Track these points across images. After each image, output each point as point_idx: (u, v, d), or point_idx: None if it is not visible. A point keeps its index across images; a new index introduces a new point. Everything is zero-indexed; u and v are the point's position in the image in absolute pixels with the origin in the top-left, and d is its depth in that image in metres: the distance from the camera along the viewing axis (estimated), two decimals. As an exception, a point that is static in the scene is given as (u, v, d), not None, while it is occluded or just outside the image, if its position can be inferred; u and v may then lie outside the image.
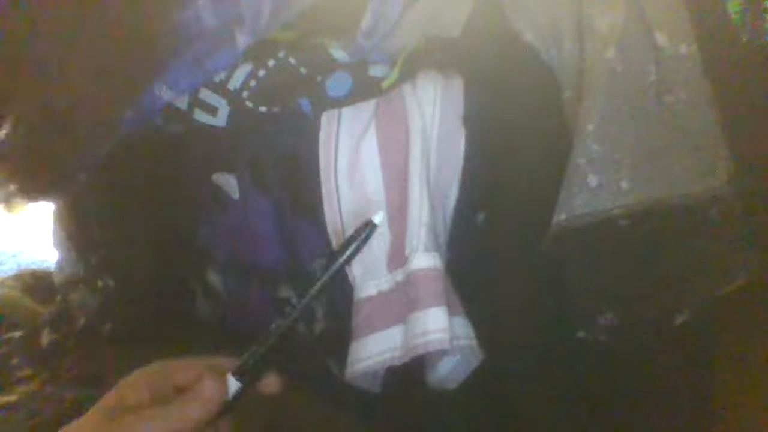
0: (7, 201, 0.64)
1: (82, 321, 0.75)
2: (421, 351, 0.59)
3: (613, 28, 0.61)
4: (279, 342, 0.52)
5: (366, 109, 0.66)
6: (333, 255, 0.54)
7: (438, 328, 0.58)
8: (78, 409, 0.50)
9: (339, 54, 0.65)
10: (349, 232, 0.63)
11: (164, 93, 0.66)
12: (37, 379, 0.71)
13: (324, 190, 0.64)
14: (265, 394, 0.52)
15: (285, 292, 0.67)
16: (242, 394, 0.51)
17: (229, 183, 0.68)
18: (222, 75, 0.66)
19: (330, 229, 0.64)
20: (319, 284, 0.52)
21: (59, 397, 0.67)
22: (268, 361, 0.52)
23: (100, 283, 0.75)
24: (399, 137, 0.64)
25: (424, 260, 0.60)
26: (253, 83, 0.65)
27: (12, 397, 0.68)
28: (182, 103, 0.67)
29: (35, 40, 0.56)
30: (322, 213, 0.64)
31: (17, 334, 0.77)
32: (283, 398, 0.62)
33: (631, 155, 0.60)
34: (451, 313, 0.59)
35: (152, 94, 0.66)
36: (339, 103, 0.65)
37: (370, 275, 0.62)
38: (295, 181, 0.66)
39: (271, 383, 0.52)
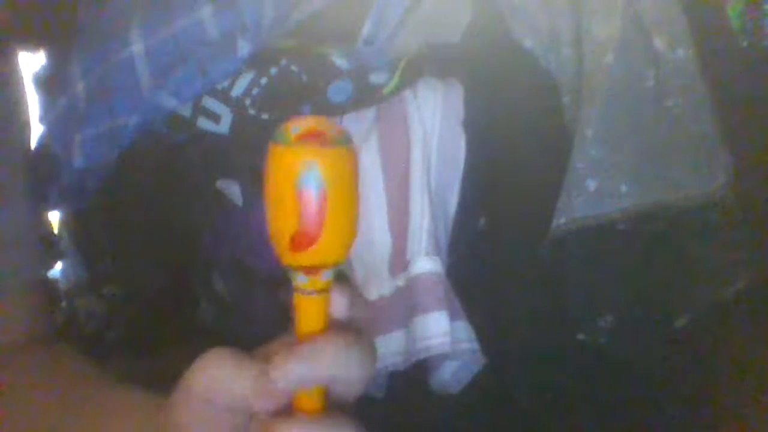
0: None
1: (88, 328, 0.76)
2: (422, 355, 0.59)
3: (611, 34, 0.61)
4: None
5: (367, 115, 0.66)
6: None
7: (439, 333, 0.58)
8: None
9: (340, 61, 0.66)
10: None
11: (168, 101, 0.66)
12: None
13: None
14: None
15: (288, 297, 0.68)
16: None
17: (232, 189, 0.68)
18: (225, 83, 0.66)
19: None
20: None
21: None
22: None
23: (105, 290, 0.76)
24: (400, 143, 0.64)
25: (426, 265, 0.60)
26: (255, 91, 0.66)
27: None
28: (185, 110, 0.67)
29: None
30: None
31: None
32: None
33: (630, 159, 0.60)
34: (453, 317, 0.60)
35: (156, 101, 0.66)
36: (340, 109, 0.66)
37: (371, 279, 0.63)
38: (298, 187, 0.66)
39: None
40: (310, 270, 0.36)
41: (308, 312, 0.37)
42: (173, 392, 0.40)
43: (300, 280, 0.36)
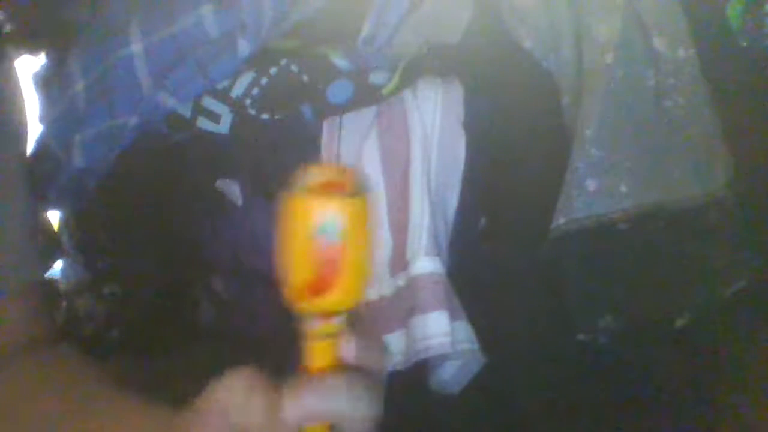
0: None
1: (88, 328, 0.76)
2: (422, 356, 0.59)
3: (611, 34, 0.62)
4: None
5: (367, 115, 0.66)
6: None
7: (439, 333, 0.58)
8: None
9: (340, 62, 0.66)
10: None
11: (168, 101, 0.66)
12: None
13: (326, 196, 0.65)
14: None
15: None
16: None
17: (232, 189, 0.68)
18: (225, 83, 0.66)
19: (332, 234, 0.64)
20: None
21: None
22: None
23: (105, 290, 0.76)
24: (400, 143, 0.64)
25: (426, 265, 0.60)
26: (255, 91, 0.66)
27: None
28: (186, 110, 0.67)
29: None
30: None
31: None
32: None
33: (629, 159, 0.60)
34: (453, 317, 0.60)
35: (156, 101, 0.66)
36: (340, 109, 0.66)
37: (371, 279, 0.63)
38: (298, 187, 0.66)
39: None
40: (323, 315, 0.37)
41: (320, 353, 0.38)
42: (187, 411, 0.40)
43: (313, 325, 0.37)
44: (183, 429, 0.40)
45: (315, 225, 0.34)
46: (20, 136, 0.64)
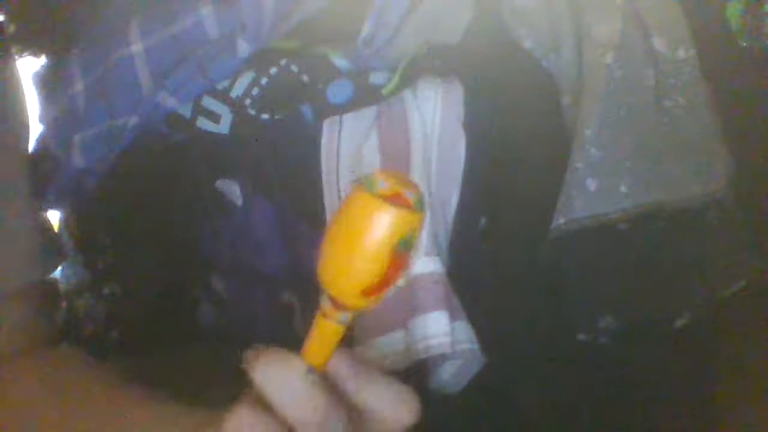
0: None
1: (88, 328, 0.76)
2: (422, 356, 0.59)
3: (611, 34, 0.62)
4: None
5: (367, 115, 0.66)
6: None
7: (439, 333, 0.58)
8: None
9: (340, 62, 0.66)
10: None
11: (168, 101, 0.67)
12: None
13: (326, 195, 0.65)
14: None
15: (288, 297, 0.68)
16: None
17: (232, 189, 0.68)
18: (225, 83, 0.66)
19: (332, 234, 0.64)
20: None
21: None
22: None
23: (105, 290, 0.76)
24: (400, 143, 0.64)
25: (425, 265, 0.60)
26: (255, 91, 0.66)
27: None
28: (185, 110, 0.67)
29: None
30: (325, 218, 0.65)
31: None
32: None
33: (629, 159, 0.60)
34: (453, 317, 0.60)
35: (156, 101, 0.66)
36: (340, 109, 0.66)
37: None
38: (298, 187, 0.66)
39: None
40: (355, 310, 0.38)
41: (331, 339, 0.38)
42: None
43: (343, 318, 0.38)
44: (185, 427, 0.40)
45: (399, 238, 0.35)
46: (21, 136, 0.64)
